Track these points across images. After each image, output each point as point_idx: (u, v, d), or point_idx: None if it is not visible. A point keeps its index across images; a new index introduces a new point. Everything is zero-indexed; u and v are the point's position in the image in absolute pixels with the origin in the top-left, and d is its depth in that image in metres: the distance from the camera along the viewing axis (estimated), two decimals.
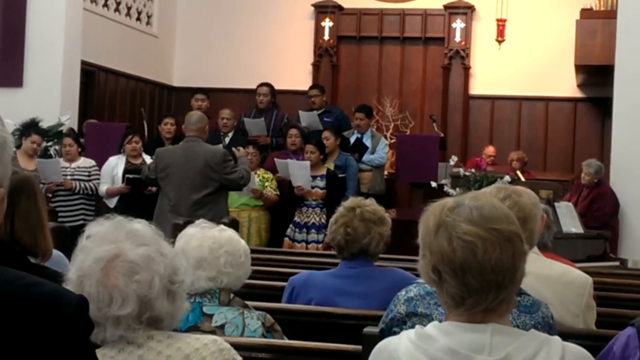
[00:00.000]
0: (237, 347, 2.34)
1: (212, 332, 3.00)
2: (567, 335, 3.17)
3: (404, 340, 1.99)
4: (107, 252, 2.17)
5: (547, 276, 3.42)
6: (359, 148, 10.06)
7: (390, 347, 2.03)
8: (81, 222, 8.97)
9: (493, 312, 1.92)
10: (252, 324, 3.16)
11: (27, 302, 1.45)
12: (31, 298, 1.46)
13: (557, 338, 1.96)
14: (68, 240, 5.29)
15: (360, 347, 3.01)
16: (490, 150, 12.35)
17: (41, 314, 1.44)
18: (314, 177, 8.84)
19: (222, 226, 3.34)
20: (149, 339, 2.18)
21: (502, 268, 1.88)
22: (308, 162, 8.81)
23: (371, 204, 4.04)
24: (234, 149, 8.39)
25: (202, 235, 3.21)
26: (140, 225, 2.27)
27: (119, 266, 2.15)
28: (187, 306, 2.38)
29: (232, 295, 3.24)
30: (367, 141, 10.38)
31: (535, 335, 1.96)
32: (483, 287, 1.88)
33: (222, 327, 3.12)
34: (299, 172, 8.77)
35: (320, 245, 8.66)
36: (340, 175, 9.17)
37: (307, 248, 8.66)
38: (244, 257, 3.26)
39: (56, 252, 3.90)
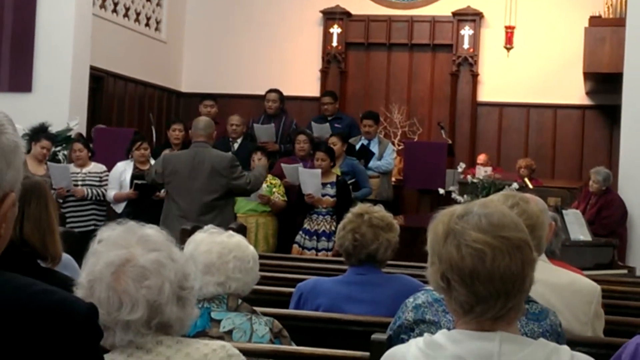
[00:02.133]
0: (245, 352, 2.35)
1: (220, 338, 3.00)
2: (576, 343, 3.17)
3: (412, 348, 1.99)
4: (118, 256, 2.17)
5: (556, 284, 3.41)
6: (365, 154, 10.05)
7: (398, 354, 2.03)
8: (92, 227, 8.99)
9: (502, 320, 1.92)
10: (260, 329, 3.16)
11: (37, 309, 1.45)
12: (41, 306, 1.46)
13: (565, 347, 1.96)
14: (77, 244, 5.31)
15: (367, 353, 3.01)
16: (481, 158, 12.16)
17: (51, 322, 1.45)
18: (324, 185, 8.81)
19: (230, 232, 3.35)
20: (158, 344, 2.18)
21: (511, 276, 1.88)
22: (319, 170, 8.78)
23: (379, 210, 4.04)
24: (255, 159, 8.39)
25: (210, 241, 3.21)
26: (151, 231, 2.27)
27: (129, 271, 2.16)
28: (197, 312, 2.38)
29: (240, 300, 3.24)
30: (375, 147, 10.38)
31: (544, 344, 1.95)
32: (492, 294, 1.88)
33: (230, 332, 3.12)
34: (310, 180, 8.75)
35: (330, 253, 8.65)
36: (349, 182, 9.15)
37: (317, 255, 8.64)
38: (252, 262, 3.26)
39: (65, 256, 3.91)
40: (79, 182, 9.03)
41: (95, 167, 9.20)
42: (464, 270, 1.88)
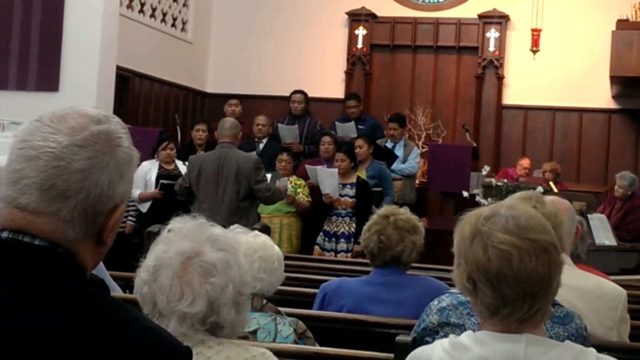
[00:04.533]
0: None
1: (245, 338, 3.01)
2: (601, 347, 3.14)
3: (437, 349, 1.99)
4: (191, 248, 2.19)
5: (581, 288, 3.40)
6: (388, 156, 10.01)
7: (423, 355, 2.04)
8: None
9: (528, 322, 1.92)
10: (285, 330, 3.17)
11: (141, 346, 1.50)
12: (145, 344, 1.50)
13: (592, 350, 1.96)
14: None
15: (392, 355, 3.01)
16: (525, 162, 12.21)
17: None
18: (343, 185, 8.80)
19: (256, 232, 3.36)
20: (200, 343, 2.18)
21: (537, 278, 1.88)
22: (336, 170, 8.78)
23: (405, 212, 4.04)
24: (278, 181, 8.44)
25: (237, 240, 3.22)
26: (221, 231, 2.29)
27: (197, 264, 2.18)
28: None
29: (264, 301, 3.25)
30: (399, 150, 10.36)
31: (570, 346, 1.95)
32: (518, 296, 1.87)
33: (254, 332, 3.13)
34: (328, 179, 8.76)
35: (349, 255, 8.64)
36: (373, 190, 9.08)
37: (336, 257, 8.63)
38: (277, 263, 3.27)
39: None
40: None
41: None
42: (491, 272, 1.88)
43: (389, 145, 10.42)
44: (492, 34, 13.69)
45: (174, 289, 2.15)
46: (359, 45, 14.12)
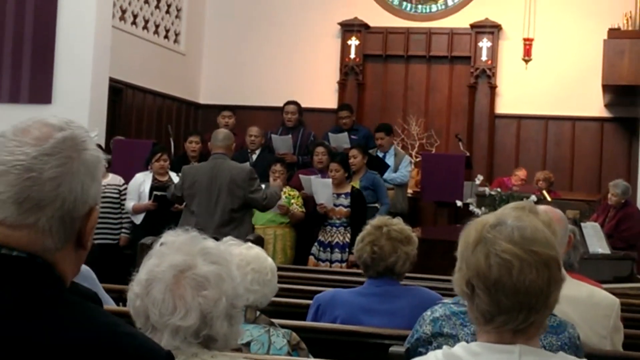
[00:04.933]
0: None
1: (238, 350, 3.01)
2: (594, 356, 3.16)
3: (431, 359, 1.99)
4: (183, 261, 2.18)
5: (574, 297, 3.40)
6: (379, 166, 10.01)
7: None
8: (110, 240, 9.01)
9: (522, 334, 1.92)
10: (278, 341, 3.17)
11: (123, 351, 1.51)
12: (126, 348, 1.52)
13: None
14: (96, 256, 5.34)
15: None
16: (522, 173, 12.21)
17: None
18: (337, 195, 8.81)
19: (249, 243, 3.36)
20: (193, 357, 2.17)
21: (535, 291, 1.87)
22: (330, 180, 8.79)
23: (398, 222, 4.04)
24: (271, 180, 8.41)
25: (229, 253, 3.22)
26: (214, 244, 2.29)
27: (190, 277, 2.17)
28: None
29: (258, 312, 3.25)
30: (390, 159, 10.37)
31: (564, 357, 1.95)
32: (514, 307, 1.87)
33: (248, 344, 3.12)
34: (322, 189, 8.76)
35: (344, 265, 8.63)
36: (369, 205, 9.06)
37: (330, 267, 8.62)
38: (270, 274, 3.27)
39: (84, 267, 3.92)
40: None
41: (114, 178, 9.22)
42: (490, 279, 1.88)
43: (380, 155, 10.43)
44: (485, 43, 13.74)
45: (166, 302, 2.15)
46: (352, 56, 14.16)
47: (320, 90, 14.02)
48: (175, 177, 8.83)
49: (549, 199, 10.01)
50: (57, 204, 1.53)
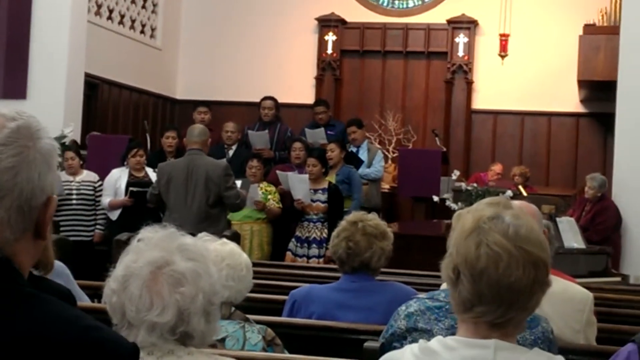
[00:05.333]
0: None
1: (213, 346, 3.00)
2: (568, 351, 3.17)
3: (407, 354, 1.99)
4: (160, 257, 2.17)
5: (548, 291, 3.40)
6: (354, 161, 10.02)
7: None
8: (85, 237, 8.96)
9: (499, 329, 1.91)
10: (253, 337, 3.16)
11: (87, 345, 1.49)
12: (91, 342, 1.49)
13: (560, 357, 1.96)
14: (71, 252, 5.31)
15: None
16: (498, 168, 12.27)
17: (99, 359, 1.48)
18: (315, 191, 8.81)
19: (224, 239, 3.34)
20: (169, 353, 2.16)
21: (518, 288, 1.87)
22: (307, 176, 8.79)
23: (374, 218, 4.04)
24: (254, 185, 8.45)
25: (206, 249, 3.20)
26: (191, 241, 2.28)
27: (167, 274, 2.16)
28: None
29: (233, 308, 3.24)
30: (363, 154, 10.38)
31: (539, 353, 1.95)
32: (494, 299, 1.87)
33: (222, 340, 3.11)
34: (299, 185, 8.75)
35: (321, 260, 8.64)
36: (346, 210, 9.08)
37: (308, 262, 8.63)
38: (245, 270, 3.26)
39: (58, 264, 3.90)
40: (73, 191, 8.99)
41: (88, 175, 9.16)
42: (476, 268, 1.88)
43: (353, 149, 10.44)
44: (461, 39, 13.78)
45: (143, 298, 2.14)
46: (329, 51, 14.16)
47: (298, 86, 14.01)
48: (151, 173, 8.79)
49: (524, 194, 10.05)
50: (15, 194, 1.51)
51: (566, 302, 3.52)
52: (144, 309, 2.13)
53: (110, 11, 12.88)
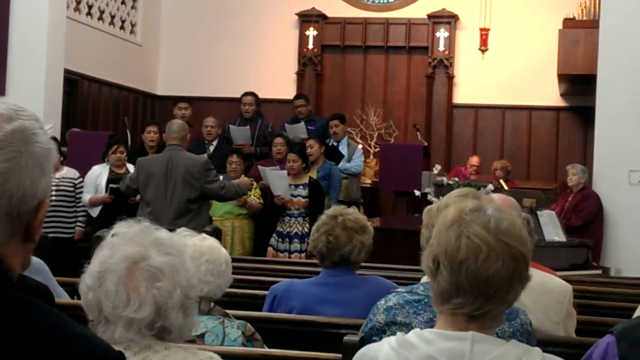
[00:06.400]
0: None
1: (192, 341, 2.98)
2: (548, 343, 3.18)
3: (385, 347, 1.99)
4: (136, 252, 2.16)
5: (528, 284, 3.41)
6: (335, 156, 10.01)
7: (370, 353, 2.03)
8: (64, 234, 8.91)
9: (476, 321, 1.92)
10: (233, 333, 3.15)
11: (75, 352, 1.47)
12: (78, 349, 1.48)
13: (537, 349, 1.96)
14: (50, 249, 5.29)
15: (340, 355, 3.00)
16: (474, 160, 12.38)
17: None
18: (296, 186, 8.80)
19: (203, 235, 3.33)
20: (146, 349, 2.15)
21: (496, 281, 1.88)
22: (285, 172, 8.78)
23: (354, 212, 4.04)
24: (242, 176, 8.39)
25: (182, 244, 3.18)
26: (166, 235, 2.26)
27: (144, 269, 2.15)
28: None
29: (212, 304, 3.22)
30: (343, 149, 10.39)
31: (516, 345, 1.95)
32: (472, 291, 1.88)
33: (202, 336, 3.10)
34: (277, 181, 8.75)
35: (302, 255, 8.63)
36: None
37: (289, 258, 8.62)
38: (224, 265, 3.25)
39: (36, 260, 3.88)
40: (53, 188, 8.92)
41: (68, 172, 9.11)
42: (455, 259, 1.88)
43: (334, 144, 10.43)
44: (442, 33, 13.79)
45: (120, 294, 2.12)
46: (310, 46, 14.14)
47: (279, 81, 13.99)
48: (132, 169, 8.75)
49: (506, 187, 10.07)
50: (3, 200, 1.48)
51: (545, 294, 3.53)
52: (120, 305, 2.12)
53: (90, 7, 12.80)
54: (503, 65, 13.49)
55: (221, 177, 7.88)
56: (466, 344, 1.89)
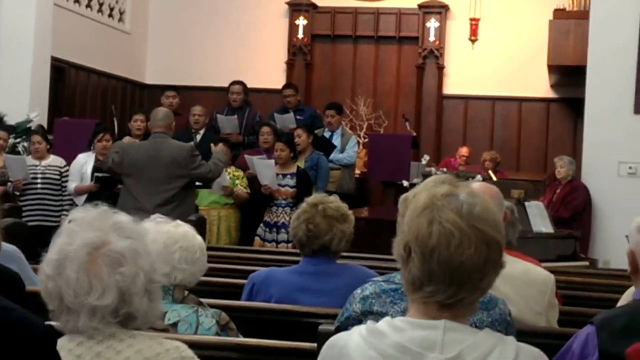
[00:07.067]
0: (190, 345, 2.26)
1: (165, 330, 2.93)
2: (529, 333, 3.14)
3: (354, 335, 1.94)
4: (96, 238, 2.09)
5: (510, 274, 3.33)
6: (326, 146, 9.94)
7: (340, 342, 1.99)
8: (49, 222, 8.84)
9: (449, 309, 1.87)
10: (206, 322, 3.10)
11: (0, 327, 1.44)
12: (4, 323, 1.47)
13: (511, 338, 1.91)
14: (28, 237, 5.22)
15: (315, 344, 2.95)
16: (463, 150, 12.34)
17: (10, 340, 1.42)
18: (283, 176, 8.75)
19: (178, 221, 3.26)
20: (111, 337, 2.09)
21: (469, 268, 1.82)
22: (272, 161, 8.73)
23: (334, 200, 3.99)
24: (212, 146, 8.31)
25: (156, 230, 3.12)
26: (126, 219, 2.19)
27: (105, 255, 2.08)
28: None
29: (186, 292, 3.17)
30: (337, 139, 10.33)
31: (489, 334, 1.90)
32: (445, 279, 1.82)
33: (175, 325, 3.04)
34: (264, 170, 8.69)
35: (290, 245, 8.58)
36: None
37: (277, 247, 8.58)
38: (199, 253, 3.19)
39: (11, 247, 3.83)
40: (38, 175, 8.86)
41: (55, 160, 9.04)
42: (427, 246, 1.83)
43: (327, 134, 10.37)
44: (432, 23, 13.74)
45: (81, 282, 2.05)
46: (300, 36, 14.08)
47: (268, 71, 13.93)
48: None
49: (494, 178, 10.05)
50: None
51: (528, 284, 3.49)
52: (82, 292, 2.05)
53: None
54: (493, 56, 13.44)
55: (206, 162, 7.83)
56: (438, 333, 1.84)
